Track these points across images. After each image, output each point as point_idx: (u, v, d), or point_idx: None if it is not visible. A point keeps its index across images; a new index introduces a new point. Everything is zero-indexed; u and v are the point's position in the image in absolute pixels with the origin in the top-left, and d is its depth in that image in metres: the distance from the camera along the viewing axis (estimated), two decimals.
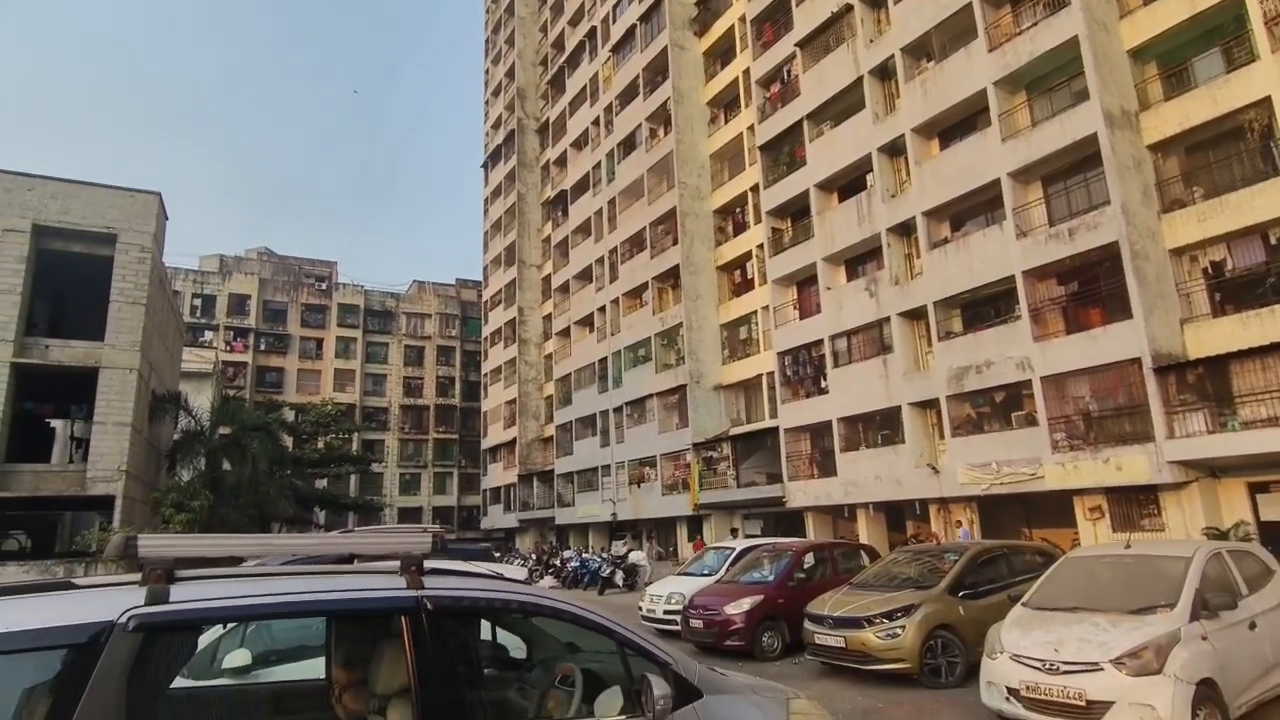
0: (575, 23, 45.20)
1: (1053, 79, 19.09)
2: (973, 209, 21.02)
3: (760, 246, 28.90)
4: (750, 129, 29.98)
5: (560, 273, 44.08)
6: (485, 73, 60.03)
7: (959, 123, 21.44)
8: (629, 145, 37.39)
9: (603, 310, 38.11)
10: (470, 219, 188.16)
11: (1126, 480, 16.36)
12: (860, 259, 24.40)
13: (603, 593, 22.31)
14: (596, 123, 40.98)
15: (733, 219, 32.66)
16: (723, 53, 33.83)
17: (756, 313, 29.65)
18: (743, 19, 31.08)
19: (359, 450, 47.04)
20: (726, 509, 28.88)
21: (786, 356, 26.04)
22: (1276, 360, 14.79)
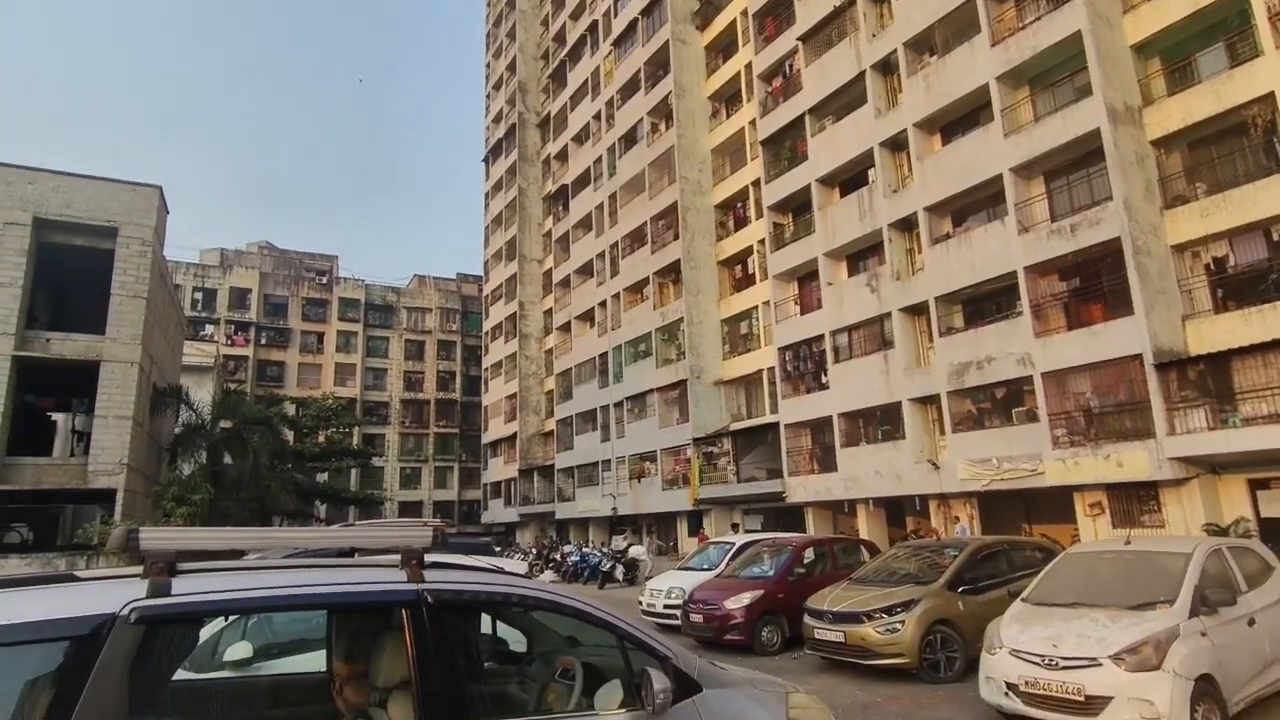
0: (576, 16, 45.04)
1: (1055, 74, 19.02)
2: (975, 204, 20.97)
3: (761, 241, 28.85)
4: (752, 123, 29.89)
5: (561, 267, 44.05)
6: (486, 67, 59.80)
7: (961, 118, 21.39)
8: (630, 140, 37.27)
9: (603, 305, 38.06)
10: (471, 214, 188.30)
11: (1127, 476, 16.38)
12: (862, 254, 24.34)
13: (603, 587, 22.36)
14: (598, 117, 40.84)
15: (734, 214, 32.60)
16: (724, 47, 33.71)
17: (757, 308, 29.61)
18: (744, 13, 30.94)
19: (360, 444, 47.04)
20: (726, 504, 28.91)
21: (787, 352, 26.02)
22: (1278, 357, 14.79)
